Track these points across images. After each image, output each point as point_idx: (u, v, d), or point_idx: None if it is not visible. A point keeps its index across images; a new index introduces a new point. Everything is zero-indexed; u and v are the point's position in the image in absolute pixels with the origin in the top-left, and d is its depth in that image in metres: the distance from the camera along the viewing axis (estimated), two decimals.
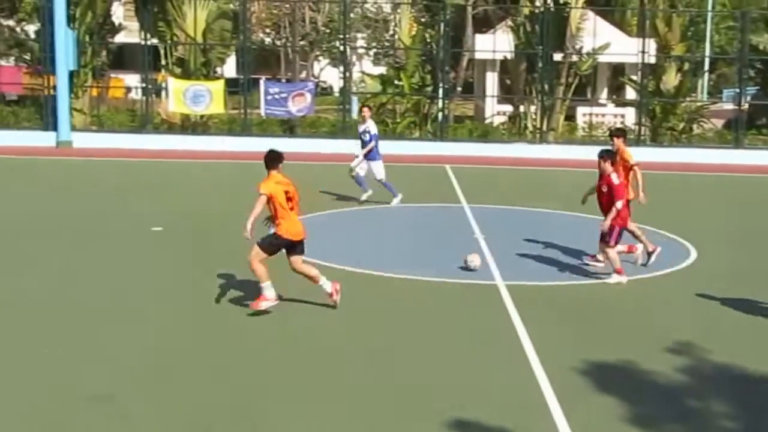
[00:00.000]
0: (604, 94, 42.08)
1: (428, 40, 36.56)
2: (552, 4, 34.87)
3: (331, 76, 57.58)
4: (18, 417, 8.60)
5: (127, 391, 9.34)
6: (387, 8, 55.22)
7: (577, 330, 11.90)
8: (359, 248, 16.90)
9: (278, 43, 54.66)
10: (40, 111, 34.55)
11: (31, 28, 39.47)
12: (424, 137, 34.88)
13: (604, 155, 14.57)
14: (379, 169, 21.04)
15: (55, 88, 33.15)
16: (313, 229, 17.82)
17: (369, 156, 20.94)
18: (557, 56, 34.87)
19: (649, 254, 15.60)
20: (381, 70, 47.40)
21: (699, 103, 37.62)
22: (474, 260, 14.91)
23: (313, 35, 46.15)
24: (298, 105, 33.21)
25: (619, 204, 14.09)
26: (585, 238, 18.44)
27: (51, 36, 32.81)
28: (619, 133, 16.34)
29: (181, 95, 32.92)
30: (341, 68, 35.89)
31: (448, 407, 9.00)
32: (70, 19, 33.17)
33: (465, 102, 47.30)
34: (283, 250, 12.10)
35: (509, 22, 36.59)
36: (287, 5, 39.73)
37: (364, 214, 18.68)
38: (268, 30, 55.10)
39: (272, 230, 12.02)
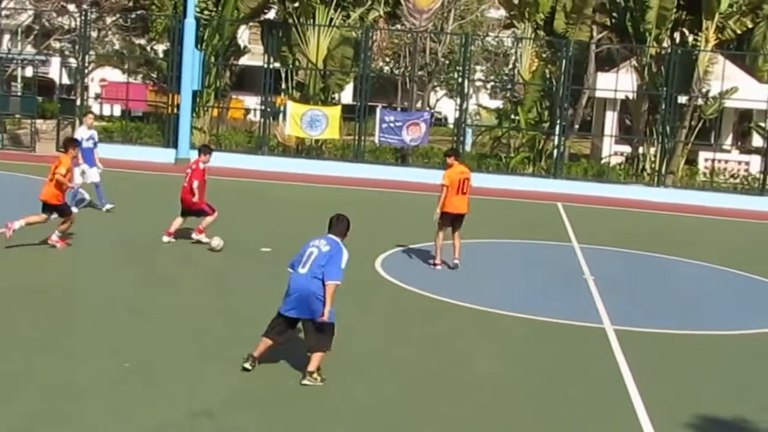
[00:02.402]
0: (728, 140, 40.96)
1: (548, 76, 36.08)
2: (680, 46, 34.16)
3: (446, 107, 57.64)
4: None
5: (226, 409, 9.36)
6: (508, 42, 54.98)
7: (690, 382, 11.48)
8: (465, 282, 16.64)
9: (397, 72, 54.91)
10: (162, 128, 35.25)
11: (161, 48, 40.36)
12: (537, 173, 34.40)
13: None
14: (96, 174, 20.74)
15: (178, 106, 33.74)
16: (421, 260, 17.91)
17: (91, 161, 20.63)
18: (682, 98, 34.06)
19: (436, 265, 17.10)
20: (498, 103, 47.20)
21: None
22: (215, 241, 16.89)
23: (432, 66, 46.15)
24: (413, 134, 33.12)
25: None
26: (700, 285, 18.00)
27: (179, 56, 33.46)
28: (451, 152, 18.36)
29: (298, 119, 33.15)
30: (458, 100, 35.71)
31: None
32: (198, 41, 33.79)
33: (581, 140, 46.65)
34: None
35: (634, 62, 35.95)
36: (409, 35, 39.81)
37: (471, 247, 18.42)
38: (387, 59, 55.43)
39: None
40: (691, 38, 34.27)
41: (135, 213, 21.88)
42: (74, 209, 20.25)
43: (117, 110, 47.03)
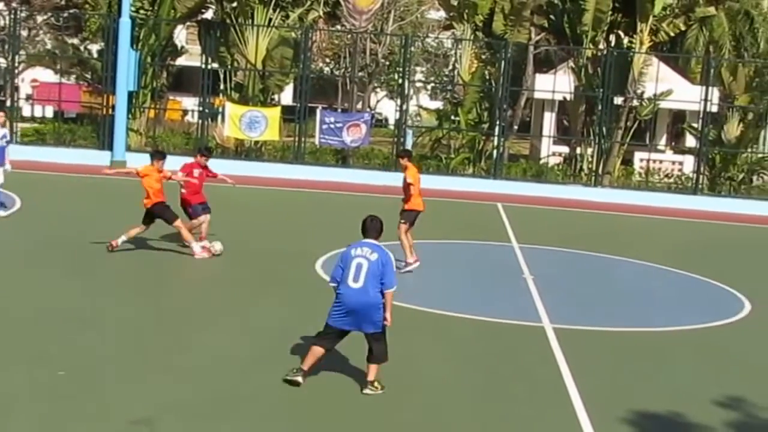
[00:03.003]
0: (663, 141, 41.54)
1: (488, 77, 36.25)
2: (615, 48, 34.52)
3: (387, 108, 57.66)
4: None
5: (166, 416, 9.24)
6: (448, 43, 55.12)
7: (627, 379, 11.60)
8: (404, 283, 16.61)
9: (337, 72, 54.79)
10: (97, 130, 34.63)
11: (95, 48, 39.81)
12: (477, 174, 34.56)
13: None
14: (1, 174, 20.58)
15: (113, 107, 33.14)
16: None
17: (3, 161, 20.47)
18: (618, 100, 34.45)
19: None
20: (438, 104, 47.30)
21: (761, 155, 36.81)
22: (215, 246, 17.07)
23: (373, 67, 46.12)
24: (353, 135, 33.07)
25: None
26: (637, 283, 18.19)
27: (114, 56, 32.87)
28: (404, 153, 18.64)
29: (237, 120, 32.89)
30: (398, 101, 35.74)
31: None
32: (134, 41, 33.34)
33: (521, 141, 46.98)
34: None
35: (571, 64, 36.27)
36: (349, 36, 39.74)
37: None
38: (328, 59, 55.28)
39: None
40: (626, 40, 34.70)
41: (72, 217, 21.60)
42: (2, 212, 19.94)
43: (49, 111, 46.27)
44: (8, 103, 35.11)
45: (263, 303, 14.35)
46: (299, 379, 10.26)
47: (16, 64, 36.35)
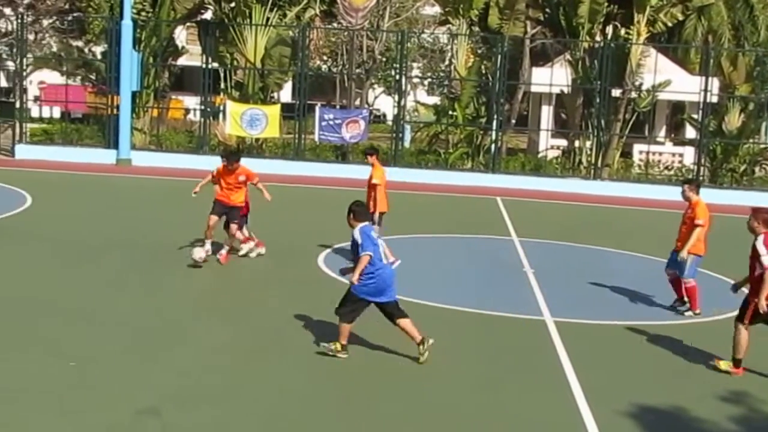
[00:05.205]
0: (662, 132, 41.65)
1: (484, 72, 36.41)
2: (612, 40, 34.64)
3: (385, 104, 57.80)
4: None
5: (171, 407, 9.47)
6: (444, 39, 55.24)
7: (627, 371, 11.73)
8: (407, 277, 16.75)
9: (335, 70, 54.96)
10: (103, 129, 35.16)
11: (98, 49, 40.10)
12: (476, 168, 34.72)
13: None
14: None
15: (118, 107, 33.70)
16: None
17: None
18: (615, 92, 34.52)
19: None
20: (435, 99, 47.43)
21: (762, 146, 36.76)
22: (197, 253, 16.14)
23: (370, 63, 46.24)
24: (352, 132, 33.31)
25: None
26: (637, 277, 18.31)
27: (117, 57, 33.37)
28: (372, 151, 18.07)
29: (238, 118, 33.16)
30: (396, 97, 35.92)
31: None
32: (136, 42, 33.75)
33: (518, 135, 47.10)
34: None
35: (567, 56, 36.37)
36: (346, 33, 39.87)
37: (413, 242, 18.63)
38: (325, 57, 55.40)
39: None
40: (623, 32, 34.66)
41: (79, 215, 21.78)
42: None
43: (56, 112, 46.67)
44: (17, 105, 35.87)
45: (264, 299, 14.55)
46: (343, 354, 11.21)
47: (24, 67, 36.82)
